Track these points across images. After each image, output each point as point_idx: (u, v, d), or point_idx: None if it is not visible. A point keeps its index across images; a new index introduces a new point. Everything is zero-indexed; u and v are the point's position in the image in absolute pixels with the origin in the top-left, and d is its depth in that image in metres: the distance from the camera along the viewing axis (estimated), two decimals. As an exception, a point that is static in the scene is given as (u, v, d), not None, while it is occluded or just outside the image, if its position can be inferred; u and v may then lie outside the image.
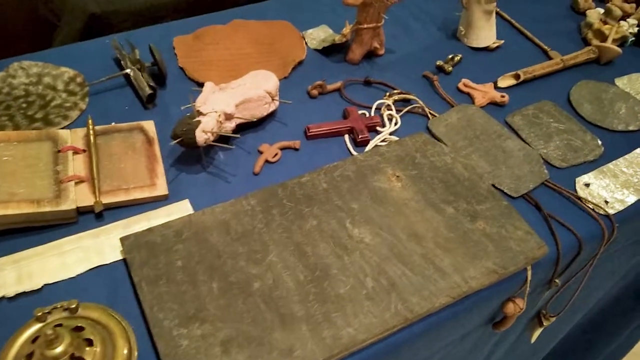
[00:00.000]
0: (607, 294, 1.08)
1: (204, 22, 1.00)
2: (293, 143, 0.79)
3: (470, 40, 1.00)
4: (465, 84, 0.91)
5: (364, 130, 0.80)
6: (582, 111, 0.90)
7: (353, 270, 0.63)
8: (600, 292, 1.01)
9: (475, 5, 0.96)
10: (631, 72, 1.00)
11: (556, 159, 0.81)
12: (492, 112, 0.88)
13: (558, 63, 0.96)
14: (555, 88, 0.94)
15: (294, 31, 1.00)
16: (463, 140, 0.82)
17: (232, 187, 0.73)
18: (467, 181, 0.74)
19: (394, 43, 1.00)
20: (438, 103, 0.89)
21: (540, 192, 0.77)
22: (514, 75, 0.94)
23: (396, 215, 0.69)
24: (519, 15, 1.11)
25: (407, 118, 0.86)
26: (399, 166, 0.75)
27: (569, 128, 0.86)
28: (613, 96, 0.93)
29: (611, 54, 0.99)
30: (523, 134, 0.85)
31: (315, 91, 0.87)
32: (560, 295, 0.80)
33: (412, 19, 1.07)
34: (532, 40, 1.04)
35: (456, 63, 0.96)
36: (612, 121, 0.89)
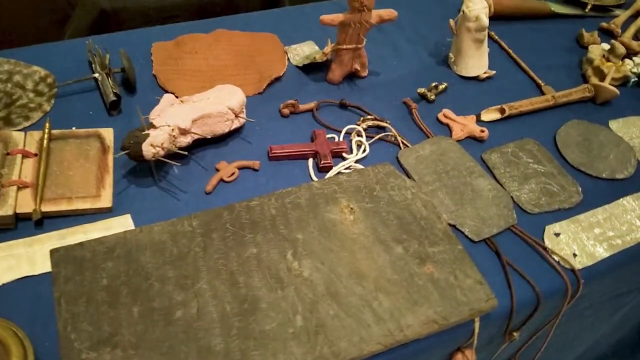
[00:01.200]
0: (602, 345, 1.03)
1: (193, 28, 0.98)
2: (252, 163, 0.76)
3: (459, 68, 0.96)
4: (446, 115, 0.87)
5: (328, 155, 0.77)
6: (567, 154, 0.85)
7: (284, 305, 0.60)
8: (580, 346, 0.96)
9: (465, 33, 0.92)
10: (629, 114, 0.94)
11: (528, 204, 0.77)
12: (470, 146, 0.84)
13: (548, 100, 0.91)
14: (542, 126, 0.90)
15: (278, 45, 0.97)
16: (431, 175, 0.78)
17: (180, 205, 0.71)
18: (424, 220, 0.70)
19: (381, 65, 0.97)
20: (415, 132, 0.86)
21: (504, 238, 0.73)
22: (499, 109, 0.89)
23: (342, 251, 0.65)
24: (520, 45, 1.06)
25: (378, 146, 0.83)
26: (355, 197, 0.71)
27: (548, 171, 0.81)
28: (604, 140, 0.88)
29: (608, 94, 0.93)
30: (497, 172, 0.80)
31: (287, 110, 0.84)
32: (531, 346, 0.76)
33: (404, 42, 1.03)
34: (527, 73, 0.99)
35: (440, 92, 0.92)
36: (598, 167, 0.84)
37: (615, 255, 0.73)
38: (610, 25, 1.11)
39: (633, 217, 0.77)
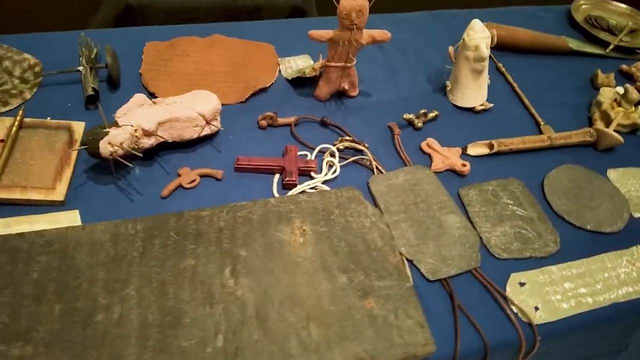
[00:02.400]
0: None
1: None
2: (215, 172, 0.75)
3: (455, 97, 0.92)
4: (429, 144, 0.83)
5: (294, 172, 0.75)
6: (553, 199, 0.79)
7: (208, 323, 0.58)
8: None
9: (463, 62, 0.89)
10: (633, 165, 0.88)
11: (497, 247, 0.72)
12: (450, 180, 0.80)
13: (543, 140, 0.86)
14: (534, 167, 0.84)
15: (273, 56, 0.96)
16: (399, 205, 0.74)
17: (133, 207, 0.70)
18: (377, 251, 0.67)
19: (374, 86, 0.94)
20: (394, 159, 0.82)
21: (464, 281, 0.68)
22: (488, 144, 0.85)
23: (282, 273, 0.63)
24: (530, 80, 1.01)
25: (353, 169, 0.80)
26: (310, 219, 0.69)
27: (528, 215, 0.76)
28: (597, 189, 0.82)
29: (610, 141, 0.87)
30: (471, 210, 0.76)
31: (265, 122, 0.83)
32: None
33: (404, 65, 1.00)
34: (528, 110, 0.94)
35: (430, 120, 0.88)
36: (584, 217, 0.78)
37: (582, 314, 0.67)
38: (631, 68, 1.05)
39: (611, 275, 0.71)
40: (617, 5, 1.22)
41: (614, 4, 1.22)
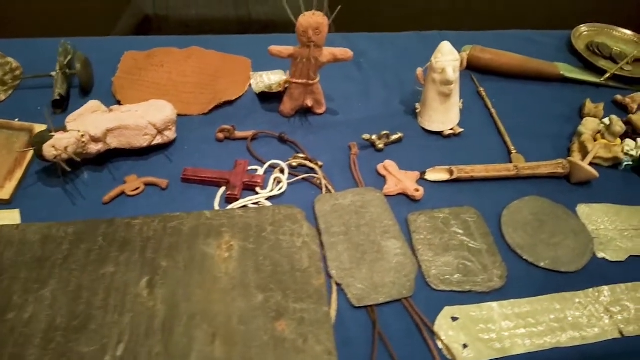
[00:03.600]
0: None
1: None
2: (160, 181, 0.76)
3: (423, 120, 0.90)
4: (386, 167, 0.81)
5: (237, 187, 0.75)
6: (508, 232, 0.75)
7: (114, 331, 0.58)
8: None
9: (430, 85, 0.86)
10: (608, 201, 0.82)
11: (435, 278, 0.69)
12: (403, 204, 0.78)
13: (509, 169, 0.82)
14: (497, 197, 0.81)
15: (247, 70, 0.97)
16: (340, 226, 0.73)
17: (74, 210, 0.72)
18: (301, 272, 0.65)
19: (344, 105, 0.93)
20: (348, 179, 0.81)
21: (392, 310, 0.66)
22: (448, 170, 0.82)
23: (199, 288, 0.63)
24: (515, 106, 0.97)
25: (303, 187, 0.79)
26: (240, 235, 0.68)
27: (476, 247, 0.73)
28: (562, 224, 0.77)
29: (583, 175, 0.82)
30: (416, 237, 0.73)
31: (222, 135, 0.83)
32: None
33: (380, 84, 0.99)
34: (502, 137, 0.90)
35: (393, 142, 0.86)
36: (540, 253, 0.73)
37: (514, 357, 0.63)
38: (626, 99, 0.99)
39: (558, 318, 0.67)
40: (624, 32, 1.16)
41: (620, 30, 1.16)
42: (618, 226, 0.79)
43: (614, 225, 0.79)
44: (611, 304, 0.69)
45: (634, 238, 0.77)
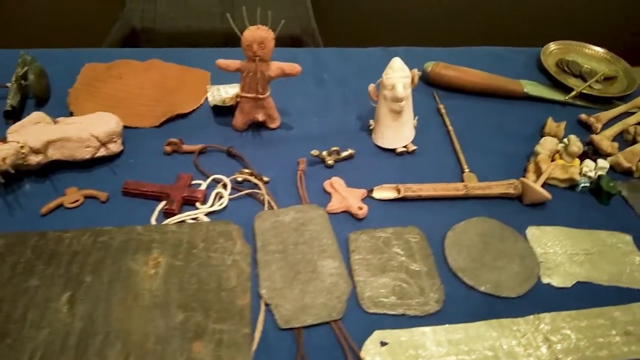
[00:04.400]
0: None
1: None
2: (100, 194, 0.75)
3: (376, 137, 0.89)
4: (332, 184, 0.80)
5: (176, 201, 0.74)
6: (451, 254, 0.74)
7: (27, 347, 0.57)
8: None
9: (382, 101, 0.85)
10: (562, 224, 0.80)
11: (369, 300, 0.67)
12: (346, 223, 0.77)
13: (458, 189, 0.81)
14: (445, 216, 0.79)
15: (205, 83, 0.96)
16: (277, 244, 0.72)
17: (11, 221, 0.71)
18: (227, 292, 0.64)
19: (299, 119, 0.92)
20: (294, 195, 0.80)
21: (320, 333, 0.64)
22: (395, 188, 0.80)
23: (120, 305, 0.62)
24: (477, 124, 0.96)
25: (246, 202, 0.78)
26: (169, 251, 0.67)
27: (416, 268, 0.71)
28: (508, 247, 0.75)
29: (535, 196, 0.80)
30: (354, 257, 0.72)
31: (169, 148, 0.83)
32: None
33: (339, 99, 0.98)
34: (457, 155, 0.88)
35: (344, 158, 0.85)
36: (481, 277, 0.71)
37: (441, 385, 0.61)
38: (590, 118, 0.97)
39: (493, 345, 0.64)
40: (596, 49, 1.14)
41: (592, 48, 1.14)
42: (568, 250, 0.76)
43: (564, 249, 0.76)
44: (551, 332, 0.67)
45: (584, 263, 0.75)
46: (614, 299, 0.71)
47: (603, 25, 2.10)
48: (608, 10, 2.16)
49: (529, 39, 1.26)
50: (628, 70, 1.10)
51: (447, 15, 2.13)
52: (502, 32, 2.05)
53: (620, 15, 2.19)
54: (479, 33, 2.10)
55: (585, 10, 2.14)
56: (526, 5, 2.11)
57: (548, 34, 1.21)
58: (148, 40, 1.52)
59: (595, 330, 0.67)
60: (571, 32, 1.27)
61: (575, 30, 1.35)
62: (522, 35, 1.50)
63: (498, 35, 1.88)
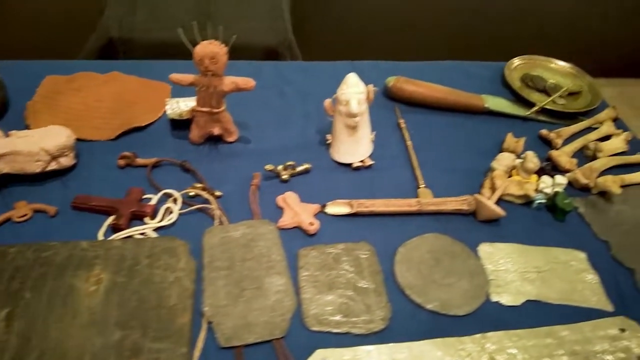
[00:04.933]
0: None
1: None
2: (49, 208, 0.74)
3: (333, 152, 0.88)
4: (285, 199, 0.80)
5: (124, 216, 0.74)
6: (400, 270, 0.73)
7: (-43, 366, 0.56)
8: None
9: (337, 116, 0.85)
10: (516, 241, 0.80)
11: (313, 318, 0.67)
12: (298, 238, 0.76)
13: (411, 205, 0.80)
14: (398, 232, 0.78)
15: (165, 96, 0.96)
16: (225, 261, 0.71)
17: (-46, 236, 0.71)
18: (167, 310, 0.63)
19: (258, 133, 0.92)
20: (247, 210, 0.79)
21: (262, 351, 0.63)
22: (348, 203, 0.80)
23: (58, 322, 0.61)
24: (437, 139, 0.96)
25: (198, 218, 0.77)
26: (112, 268, 0.67)
27: (364, 285, 0.71)
28: (459, 264, 0.75)
29: (487, 213, 0.80)
30: (302, 274, 0.71)
31: (123, 162, 0.82)
32: None
33: (301, 114, 0.98)
34: (414, 170, 0.88)
35: (299, 172, 0.85)
36: (429, 295, 0.71)
37: (380, 405, 0.60)
38: (550, 134, 0.97)
39: (433, 365, 0.64)
40: (561, 64, 1.15)
41: (557, 63, 1.15)
42: (520, 267, 0.76)
43: (516, 267, 0.76)
44: (497, 351, 0.66)
45: (535, 281, 0.75)
46: (563, 318, 0.71)
47: (570, 39, 2.11)
48: (574, 24, 2.17)
49: (500, 53, 1.26)
50: (593, 85, 1.10)
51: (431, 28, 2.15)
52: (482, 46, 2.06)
53: (587, 30, 2.20)
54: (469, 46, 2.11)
55: (553, 24, 2.15)
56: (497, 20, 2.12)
57: (519, 48, 1.21)
58: (125, 51, 1.51)
59: (542, 350, 0.67)
60: (539, 46, 1.28)
61: (543, 44, 1.36)
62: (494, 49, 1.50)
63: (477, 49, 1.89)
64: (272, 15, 1.64)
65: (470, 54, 1.30)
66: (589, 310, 0.72)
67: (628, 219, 0.85)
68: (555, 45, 1.38)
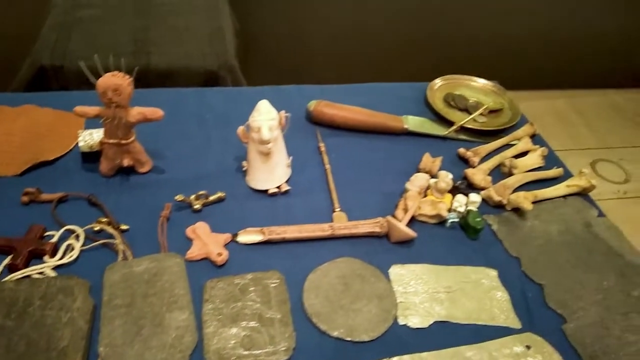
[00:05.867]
0: None
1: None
2: (-60, 251, 0.71)
3: (248, 179, 0.88)
4: (195, 229, 0.79)
5: (22, 255, 0.71)
6: (309, 297, 0.73)
7: None
8: None
9: (251, 143, 0.85)
10: (428, 261, 0.80)
11: (215, 353, 0.65)
12: (206, 270, 0.75)
13: (324, 229, 0.80)
14: (310, 259, 0.78)
15: (78, 127, 0.94)
16: (125, 297, 0.69)
17: None
18: (58, 352, 0.61)
19: (174, 162, 0.91)
20: (154, 243, 0.78)
21: (157, 391, 0.61)
22: (260, 231, 0.79)
23: None
24: (356, 162, 0.96)
25: (103, 253, 0.75)
26: (3, 310, 0.64)
27: (271, 316, 0.70)
28: (368, 288, 0.75)
29: (399, 235, 0.80)
30: (207, 307, 0.70)
31: (26, 198, 0.80)
32: None
33: (219, 141, 0.97)
34: (331, 194, 0.88)
35: (212, 201, 0.84)
36: (335, 321, 0.70)
37: None
38: (467, 152, 0.98)
39: (335, 394, 0.63)
40: (482, 82, 1.17)
41: (479, 81, 1.17)
42: (430, 288, 0.76)
43: (426, 287, 0.76)
44: (401, 375, 0.66)
45: (444, 301, 0.75)
46: (471, 338, 0.71)
47: (496, 56, 2.18)
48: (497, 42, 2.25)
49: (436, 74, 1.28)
50: (513, 103, 1.13)
51: (383, 50, 2.19)
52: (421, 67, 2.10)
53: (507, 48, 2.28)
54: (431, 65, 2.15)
55: (479, 44, 2.22)
56: (439, 41, 2.18)
57: (451, 68, 1.23)
58: (58, 80, 1.48)
59: (448, 372, 0.67)
60: (467, 66, 1.31)
61: (471, 64, 1.39)
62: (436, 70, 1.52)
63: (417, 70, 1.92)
64: (213, 39, 1.64)
65: (410, 75, 1.32)
66: (497, 328, 0.73)
67: (539, 234, 0.86)
68: (482, 64, 1.42)
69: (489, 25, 2.21)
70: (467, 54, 2.15)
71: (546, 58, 2.37)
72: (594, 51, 2.40)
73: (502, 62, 2.17)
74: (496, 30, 2.23)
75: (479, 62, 2.07)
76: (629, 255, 0.84)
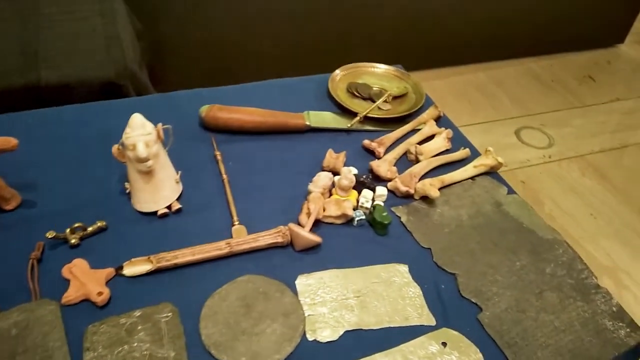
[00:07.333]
0: None
1: None
2: None
3: (134, 201, 0.79)
4: (71, 268, 0.70)
5: None
6: (206, 326, 0.66)
7: None
8: None
9: (129, 162, 0.76)
10: (339, 265, 0.75)
11: (96, 409, 0.57)
12: (87, 314, 0.66)
13: (221, 247, 0.73)
14: (207, 283, 0.71)
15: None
16: (-11, 360, 0.60)
17: None
18: None
19: (46, 194, 0.81)
20: (25, 291, 0.68)
21: None
22: (148, 260, 0.71)
23: None
24: (257, 167, 0.90)
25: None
26: None
27: (163, 355, 0.62)
28: (272, 306, 0.69)
29: (303, 242, 0.75)
30: (88, 356, 0.62)
31: None
32: None
33: (102, 160, 0.87)
34: (229, 206, 0.81)
35: (92, 233, 0.75)
36: (237, 349, 0.64)
37: None
38: (372, 143, 0.94)
39: None
40: (384, 68, 1.13)
41: (380, 67, 1.13)
42: (339, 295, 0.71)
43: (334, 295, 0.71)
44: (312, 398, 0.60)
45: (354, 308, 0.70)
46: (385, 343, 0.67)
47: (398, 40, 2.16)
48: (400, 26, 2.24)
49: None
50: (417, 86, 1.10)
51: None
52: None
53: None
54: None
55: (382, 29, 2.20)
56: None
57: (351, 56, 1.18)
58: None
59: (362, 384, 0.62)
60: (372, 52, 1.27)
61: (375, 50, 1.35)
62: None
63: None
64: (108, 46, 1.52)
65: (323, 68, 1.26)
66: (412, 328, 0.69)
67: (449, 220, 0.83)
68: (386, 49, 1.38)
69: (405, 5, 2.18)
70: (383, 39, 2.11)
71: (465, 34, 2.38)
72: (508, 23, 2.44)
73: (414, 41, 2.15)
74: (419, 7, 2.19)
75: (390, 45, 2.04)
76: (540, 231, 0.82)
